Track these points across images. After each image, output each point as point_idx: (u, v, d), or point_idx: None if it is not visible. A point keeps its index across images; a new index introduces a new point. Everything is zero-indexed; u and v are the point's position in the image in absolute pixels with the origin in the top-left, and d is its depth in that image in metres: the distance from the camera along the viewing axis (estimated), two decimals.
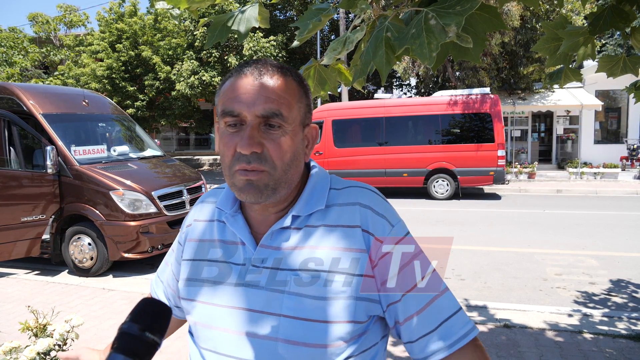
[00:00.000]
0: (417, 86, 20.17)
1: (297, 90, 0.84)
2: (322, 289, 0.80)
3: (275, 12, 21.59)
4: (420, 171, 11.97)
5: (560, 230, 7.87)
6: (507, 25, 13.60)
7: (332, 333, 0.79)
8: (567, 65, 2.22)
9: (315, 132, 0.89)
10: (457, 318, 0.83)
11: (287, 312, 0.80)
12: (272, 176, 0.80)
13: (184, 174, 6.57)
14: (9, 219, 5.47)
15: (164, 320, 0.69)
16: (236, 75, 0.82)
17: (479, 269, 5.74)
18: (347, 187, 0.89)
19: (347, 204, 0.85)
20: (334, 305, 0.79)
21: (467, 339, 0.83)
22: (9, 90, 5.94)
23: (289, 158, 0.81)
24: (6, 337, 3.49)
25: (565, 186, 13.75)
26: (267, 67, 0.82)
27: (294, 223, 0.85)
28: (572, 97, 15.89)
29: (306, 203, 0.86)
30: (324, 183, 0.89)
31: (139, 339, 0.65)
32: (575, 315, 4.13)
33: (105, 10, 19.79)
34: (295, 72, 0.87)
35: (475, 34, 0.96)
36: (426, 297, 0.83)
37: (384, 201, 0.88)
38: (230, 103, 0.80)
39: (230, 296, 0.86)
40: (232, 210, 0.91)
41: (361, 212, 0.84)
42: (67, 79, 19.21)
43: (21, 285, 5.24)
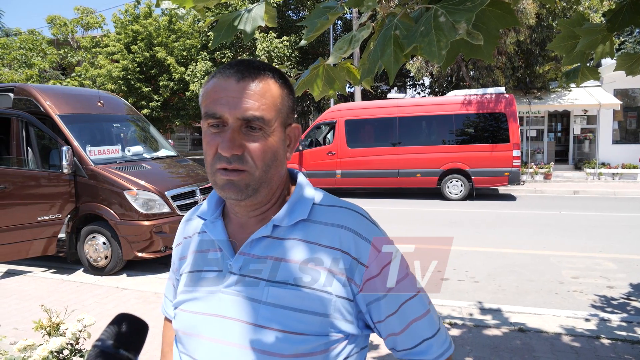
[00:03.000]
0: (430, 86, 20.04)
1: (279, 91, 0.83)
2: (299, 302, 0.79)
3: (288, 12, 21.64)
4: (433, 171, 11.87)
5: (577, 232, 7.72)
6: (523, 23, 13.42)
7: (308, 345, 0.79)
8: (584, 64, 2.16)
9: (298, 131, 0.89)
10: (437, 338, 0.88)
11: (263, 323, 0.79)
12: (252, 176, 0.80)
13: (197, 174, 6.61)
14: (26, 218, 5.56)
15: (139, 337, 0.68)
16: (219, 76, 0.82)
17: (493, 271, 5.66)
18: (333, 206, 0.87)
19: (332, 224, 0.84)
20: (310, 320, 0.79)
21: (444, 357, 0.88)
22: (27, 92, 6.04)
23: (269, 158, 0.81)
24: (22, 335, 3.55)
25: (582, 187, 13.51)
26: (249, 69, 0.81)
27: (274, 232, 0.84)
28: (590, 96, 15.60)
29: (289, 213, 0.85)
30: (309, 196, 0.88)
31: (113, 356, 0.63)
32: (592, 320, 4.03)
33: (121, 12, 20.06)
34: (278, 72, 0.86)
35: (487, 31, 0.93)
36: (406, 318, 0.85)
37: (370, 223, 0.87)
38: (213, 105, 0.80)
39: (207, 303, 0.86)
40: (212, 217, 0.92)
41: (346, 235, 0.83)
42: (83, 80, 19.53)
43: (37, 283, 5.33)
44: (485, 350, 3.46)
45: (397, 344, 0.87)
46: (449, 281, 5.26)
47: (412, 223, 8.78)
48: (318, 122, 13.20)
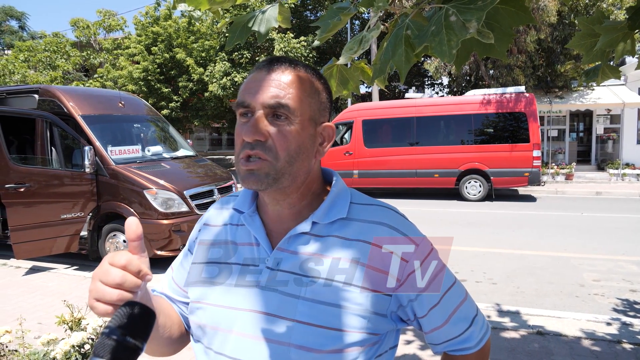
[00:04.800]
0: (449, 85, 19.83)
1: (308, 84, 0.84)
2: (338, 299, 0.80)
3: (306, 12, 21.69)
4: (452, 172, 11.75)
5: (599, 234, 7.55)
6: (544, 21, 13.16)
7: (345, 341, 0.79)
8: (605, 62, 2.12)
9: (332, 131, 0.88)
10: (476, 322, 0.90)
11: (301, 318, 0.79)
12: (273, 166, 0.80)
13: (215, 174, 6.69)
14: (50, 216, 5.72)
15: (147, 324, 0.68)
16: (254, 70, 0.85)
17: (511, 273, 5.58)
18: (370, 205, 0.89)
19: (370, 221, 0.85)
20: (348, 316, 0.79)
21: (483, 342, 0.91)
22: (51, 93, 6.20)
23: (294, 150, 0.81)
24: (45, 329, 3.65)
25: (605, 188, 13.19)
26: (281, 62, 0.84)
27: (313, 229, 0.85)
28: (613, 95, 15.23)
29: (328, 211, 0.86)
30: (346, 195, 0.90)
31: (121, 344, 0.64)
32: (614, 324, 3.94)
33: (142, 14, 20.42)
34: (312, 69, 0.87)
35: (500, 29, 0.92)
36: (448, 309, 0.87)
37: (406, 220, 0.89)
38: (243, 95, 0.82)
39: (240, 298, 0.85)
40: (249, 210, 0.91)
41: (385, 232, 0.84)
42: (105, 81, 19.94)
43: (60, 280, 5.47)
44: (502, 352, 3.42)
45: (441, 335, 0.88)
46: (466, 282, 5.21)
47: (429, 223, 8.71)
48: (335, 122, 13.19)
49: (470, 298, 0.92)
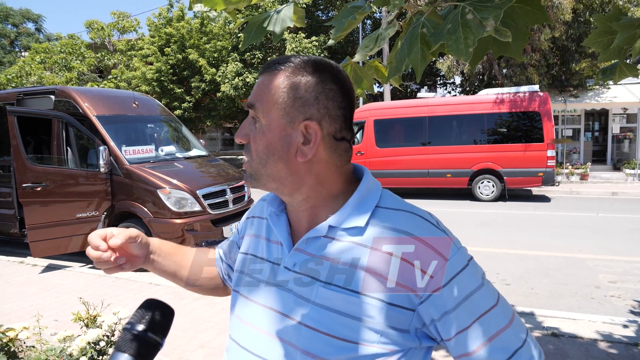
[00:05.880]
0: (462, 84, 19.68)
1: (285, 82, 0.79)
2: (350, 309, 0.75)
3: (317, 12, 21.70)
4: (464, 172, 11.66)
5: (614, 235, 7.43)
6: (558, 19, 12.98)
7: (352, 353, 0.75)
8: (622, 60, 2.09)
9: (315, 130, 0.80)
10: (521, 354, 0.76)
11: (309, 323, 0.77)
12: (251, 166, 0.83)
13: (228, 174, 6.72)
14: (66, 215, 5.80)
15: (166, 321, 0.70)
16: None
17: (525, 274, 5.52)
18: (396, 210, 0.82)
19: (393, 229, 0.78)
20: (361, 328, 0.75)
21: None
22: (67, 94, 6.30)
23: (262, 151, 0.81)
24: (61, 326, 3.70)
25: (621, 188, 12.97)
26: (271, 64, 0.83)
27: (330, 232, 0.81)
28: (630, 94, 14.97)
29: (347, 216, 0.80)
30: (372, 197, 0.83)
31: (142, 339, 0.66)
32: (631, 326, 3.88)
33: (155, 15, 20.63)
34: (305, 62, 0.81)
35: (516, 28, 0.91)
36: (482, 335, 0.75)
37: (436, 229, 0.79)
38: None
39: (262, 294, 0.87)
40: (277, 209, 0.92)
41: (408, 242, 0.76)
42: (119, 82, 20.19)
43: (76, 278, 5.54)
44: None
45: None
46: None
47: None
48: None
49: (518, 325, 0.77)
